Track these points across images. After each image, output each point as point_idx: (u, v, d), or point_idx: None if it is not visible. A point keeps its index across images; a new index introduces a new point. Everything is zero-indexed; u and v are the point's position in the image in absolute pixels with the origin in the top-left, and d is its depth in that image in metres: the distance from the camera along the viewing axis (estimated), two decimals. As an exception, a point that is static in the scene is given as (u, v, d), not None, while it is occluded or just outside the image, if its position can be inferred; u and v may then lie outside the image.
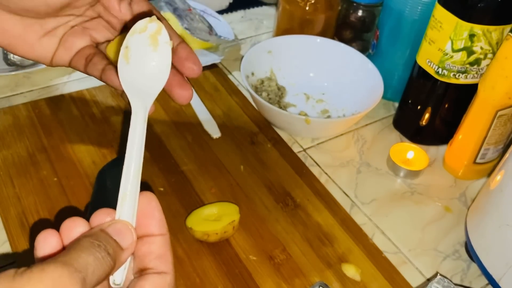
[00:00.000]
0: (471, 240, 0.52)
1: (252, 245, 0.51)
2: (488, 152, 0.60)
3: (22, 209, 0.51)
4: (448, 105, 0.64)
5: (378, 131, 0.69)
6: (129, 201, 0.29)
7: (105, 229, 0.27)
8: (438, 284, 0.46)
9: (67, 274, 0.22)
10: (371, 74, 0.68)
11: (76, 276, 0.23)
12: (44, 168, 0.55)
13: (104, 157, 0.57)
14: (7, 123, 0.60)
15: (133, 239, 0.28)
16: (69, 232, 0.27)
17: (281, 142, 0.64)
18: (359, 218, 0.56)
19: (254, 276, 0.49)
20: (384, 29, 0.70)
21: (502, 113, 0.56)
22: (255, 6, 0.92)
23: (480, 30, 0.55)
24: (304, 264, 0.50)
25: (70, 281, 0.22)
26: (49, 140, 0.58)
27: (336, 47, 0.73)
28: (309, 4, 0.74)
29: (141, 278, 0.28)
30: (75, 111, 0.63)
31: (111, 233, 0.27)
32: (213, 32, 0.77)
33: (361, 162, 0.64)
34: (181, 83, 0.38)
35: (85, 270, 0.23)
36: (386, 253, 0.53)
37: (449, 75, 0.60)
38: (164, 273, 0.28)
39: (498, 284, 0.48)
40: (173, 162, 0.58)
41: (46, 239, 0.26)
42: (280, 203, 0.56)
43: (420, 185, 0.62)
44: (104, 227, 0.27)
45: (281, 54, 0.72)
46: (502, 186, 0.49)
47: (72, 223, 0.27)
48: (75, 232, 0.27)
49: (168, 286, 0.28)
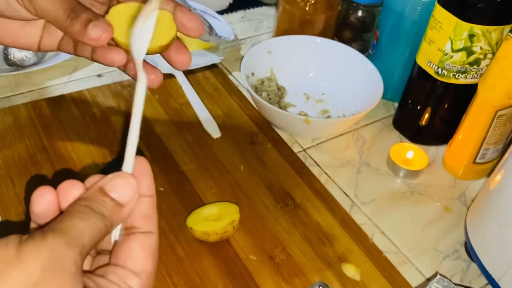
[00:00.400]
0: (470, 240, 0.52)
1: (252, 245, 0.51)
2: (487, 152, 0.60)
3: (22, 209, 0.51)
4: (447, 105, 0.64)
5: (378, 131, 0.69)
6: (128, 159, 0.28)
7: (103, 186, 0.27)
8: (438, 284, 0.47)
9: (64, 243, 0.23)
10: (371, 74, 0.68)
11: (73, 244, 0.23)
12: (45, 168, 0.55)
13: (105, 157, 0.57)
14: (7, 123, 0.60)
15: (134, 193, 0.27)
16: (66, 193, 0.27)
17: (281, 142, 0.64)
18: (359, 218, 0.57)
19: (254, 275, 0.49)
20: (384, 30, 0.70)
21: (502, 113, 0.56)
22: (255, 6, 0.92)
23: (479, 30, 0.55)
24: (304, 263, 0.50)
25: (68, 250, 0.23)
26: (50, 140, 0.58)
27: (336, 47, 0.73)
28: (309, 4, 0.74)
29: (128, 238, 0.28)
30: (75, 111, 0.63)
31: (108, 190, 0.27)
32: (213, 32, 0.77)
33: (361, 162, 0.64)
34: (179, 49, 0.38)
35: (82, 237, 0.24)
36: (386, 253, 0.53)
37: (449, 75, 0.60)
38: (150, 232, 0.28)
39: (497, 284, 0.48)
40: (173, 162, 0.58)
41: (42, 195, 0.27)
42: (280, 203, 0.56)
43: (420, 185, 0.62)
44: (103, 184, 0.27)
45: (281, 54, 0.72)
46: (502, 186, 0.49)
47: (69, 184, 0.27)
48: (72, 193, 0.27)
49: (154, 246, 0.28)
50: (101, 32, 0.34)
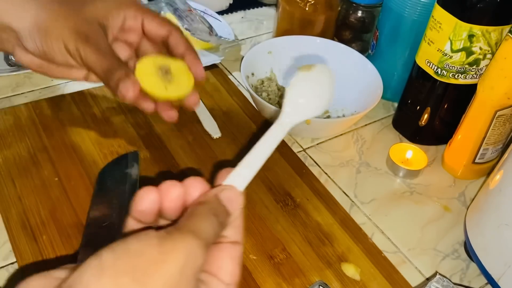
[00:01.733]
0: (470, 239, 0.52)
1: (252, 244, 0.51)
2: (487, 152, 0.61)
3: (23, 209, 0.51)
4: (447, 105, 0.64)
5: (378, 131, 0.70)
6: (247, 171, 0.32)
7: (218, 194, 0.30)
8: (437, 284, 0.47)
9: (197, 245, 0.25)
10: (370, 75, 0.68)
11: (202, 245, 0.25)
12: (45, 168, 0.55)
13: (105, 157, 0.57)
14: (8, 123, 0.60)
15: (239, 207, 0.30)
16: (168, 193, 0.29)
17: (281, 142, 0.64)
18: (359, 218, 0.57)
19: (254, 275, 0.49)
20: (383, 30, 0.70)
21: (501, 113, 0.57)
22: (255, 7, 0.92)
23: (479, 30, 0.55)
24: (304, 263, 0.50)
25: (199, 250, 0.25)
26: (50, 140, 0.59)
27: (335, 47, 0.73)
28: (309, 4, 0.74)
29: (218, 247, 0.29)
30: (76, 111, 0.63)
31: (223, 199, 0.29)
32: (213, 32, 0.77)
33: (360, 162, 0.64)
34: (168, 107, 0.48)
35: (207, 238, 0.26)
36: (386, 253, 0.53)
37: (448, 75, 0.60)
38: (237, 243, 0.30)
39: (497, 283, 0.48)
40: (173, 162, 0.59)
41: (147, 194, 0.29)
42: (280, 203, 0.56)
43: (419, 185, 0.62)
44: (218, 193, 0.30)
45: (281, 55, 0.72)
46: (501, 186, 0.49)
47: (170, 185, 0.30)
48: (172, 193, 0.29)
49: (240, 257, 0.30)
50: (129, 90, 0.42)
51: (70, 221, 0.50)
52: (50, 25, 0.45)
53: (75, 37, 0.44)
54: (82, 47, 0.44)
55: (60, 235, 0.49)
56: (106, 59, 0.44)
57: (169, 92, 0.45)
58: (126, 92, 0.42)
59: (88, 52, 0.44)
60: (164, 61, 0.46)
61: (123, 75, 0.43)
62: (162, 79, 0.45)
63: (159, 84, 0.45)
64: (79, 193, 0.53)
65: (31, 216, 0.50)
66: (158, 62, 0.46)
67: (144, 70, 0.45)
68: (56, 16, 0.45)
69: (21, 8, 0.45)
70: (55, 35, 0.44)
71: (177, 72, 0.46)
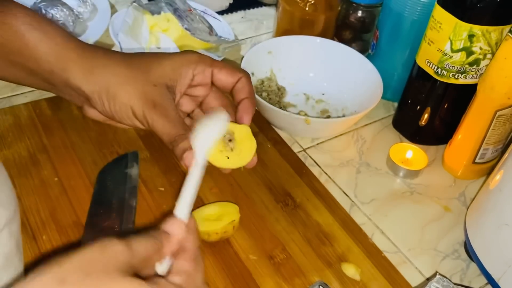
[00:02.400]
0: (470, 239, 0.52)
1: (252, 244, 0.51)
2: (487, 152, 0.61)
3: (23, 209, 0.51)
4: (447, 105, 0.64)
5: (378, 131, 0.69)
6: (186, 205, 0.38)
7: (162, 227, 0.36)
8: (437, 284, 0.47)
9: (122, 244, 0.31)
10: (370, 75, 0.68)
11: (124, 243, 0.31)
12: (45, 168, 0.55)
13: (105, 157, 0.57)
14: (8, 123, 0.60)
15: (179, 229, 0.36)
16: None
17: (281, 142, 0.64)
18: (359, 218, 0.57)
19: (254, 275, 0.49)
20: (383, 30, 0.70)
21: (501, 113, 0.57)
22: (255, 6, 0.92)
23: (479, 30, 0.55)
24: (304, 263, 0.50)
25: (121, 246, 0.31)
26: (50, 140, 0.58)
27: (335, 47, 0.73)
28: (309, 4, 0.74)
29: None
30: (75, 111, 0.63)
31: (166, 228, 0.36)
32: (213, 32, 0.77)
33: (360, 162, 0.64)
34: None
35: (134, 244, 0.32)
36: (386, 253, 0.53)
37: (448, 75, 0.60)
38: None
39: (497, 283, 0.48)
40: (174, 162, 0.58)
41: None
42: (280, 203, 0.56)
43: (419, 185, 0.62)
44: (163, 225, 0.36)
45: (281, 55, 0.72)
46: (501, 185, 0.49)
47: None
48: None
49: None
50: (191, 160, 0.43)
51: (70, 221, 0.50)
52: (118, 90, 0.46)
53: (142, 103, 0.45)
54: (149, 113, 0.45)
55: (60, 235, 0.49)
56: (172, 127, 0.45)
57: (230, 163, 0.45)
58: (189, 163, 0.42)
59: (155, 119, 0.45)
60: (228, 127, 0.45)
61: (188, 146, 0.43)
62: (225, 148, 0.45)
63: (221, 154, 0.45)
64: (79, 193, 0.53)
65: (31, 216, 0.50)
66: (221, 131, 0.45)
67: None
68: (124, 81, 0.46)
69: (90, 72, 0.46)
70: (123, 100, 0.46)
71: (240, 139, 0.46)
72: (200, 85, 0.50)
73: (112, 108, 0.46)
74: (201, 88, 0.50)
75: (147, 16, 0.73)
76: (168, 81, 0.47)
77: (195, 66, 0.48)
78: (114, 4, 0.82)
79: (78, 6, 0.74)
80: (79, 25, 0.73)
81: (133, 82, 0.46)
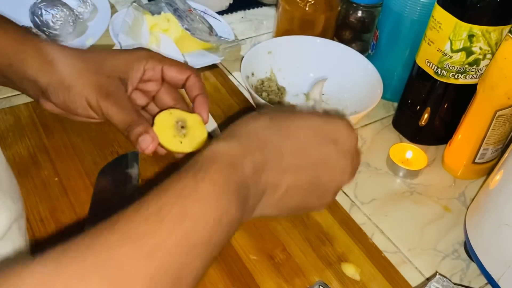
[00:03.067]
0: (470, 239, 0.52)
1: (252, 244, 0.51)
2: (487, 152, 0.61)
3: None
4: (447, 106, 0.64)
5: (378, 131, 0.70)
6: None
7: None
8: (437, 284, 0.47)
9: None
10: (370, 75, 0.68)
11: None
12: (45, 168, 0.55)
13: (105, 157, 0.57)
14: (8, 123, 0.60)
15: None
16: None
17: (281, 142, 0.64)
18: (359, 218, 0.57)
19: (254, 275, 0.49)
20: (383, 30, 0.70)
21: (501, 113, 0.57)
22: (255, 7, 0.92)
23: (479, 30, 0.55)
24: (304, 263, 0.50)
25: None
26: (50, 140, 0.59)
27: (335, 47, 0.73)
28: (309, 4, 0.74)
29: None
30: (75, 111, 0.63)
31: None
32: (213, 32, 0.77)
33: (360, 162, 0.64)
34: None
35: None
36: (386, 253, 0.53)
37: (448, 75, 0.60)
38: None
39: (497, 283, 0.48)
40: (174, 162, 0.58)
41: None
42: (280, 203, 0.56)
43: (419, 185, 0.62)
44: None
45: (281, 55, 0.72)
46: (501, 186, 0.49)
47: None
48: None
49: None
50: (148, 145, 0.46)
51: (70, 221, 0.50)
52: (74, 82, 0.48)
53: (97, 93, 0.48)
54: (103, 102, 0.48)
55: (60, 235, 0.49)
56: (126, 114, 0.48)
57: (183, 147, 0.50)
58: (145, 147, 0.46)
59: (109, 107, 0.48)
60: (181, 115, 0.51)
61: (143, 130, 0.47)
62: (178, 133, 0.50)
63: (175, 139, 0.49)
64: (79, 193, 0.53)
65: (31, 216, 0.50)
66: (174, 116, 0.50)
67: (161, 125, 0.49)
68: (78, 73, 0.49)
69: (48, 64, 0.48)
70: (78, 91, 0.48)
71: (192, 126, 0.51)
72: (151, 80, 0.53)
73: (67, 99, 0.49)
74: (152, 84, 0.54)
75: (147, 16, 0.73)
76: (120, 74, 0.51)
77: (146, 61, 0.52)
78: (114, 4, 0.82)
79: (78, 6, 0.74)
80: (79, 25, 0.73)
81: (87, 74, 0.49)
